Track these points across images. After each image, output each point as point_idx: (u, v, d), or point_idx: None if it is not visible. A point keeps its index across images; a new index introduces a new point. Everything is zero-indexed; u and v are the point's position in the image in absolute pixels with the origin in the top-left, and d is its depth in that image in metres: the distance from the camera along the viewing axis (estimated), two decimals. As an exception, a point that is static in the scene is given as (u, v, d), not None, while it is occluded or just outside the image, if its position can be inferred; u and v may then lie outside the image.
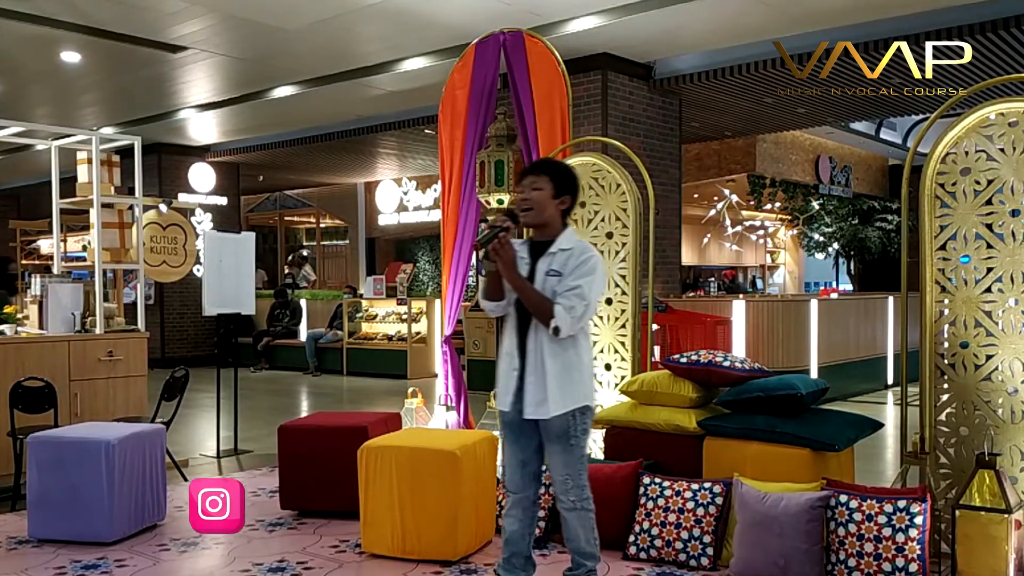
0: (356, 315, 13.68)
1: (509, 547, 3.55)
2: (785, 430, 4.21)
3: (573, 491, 3.37)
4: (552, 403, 3.29)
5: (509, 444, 3.49)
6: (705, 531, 4.10)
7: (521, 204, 3.39)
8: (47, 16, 7.89)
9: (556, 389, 3.29)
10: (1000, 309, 4.05)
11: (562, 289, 3.27)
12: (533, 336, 3.33)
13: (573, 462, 3.36)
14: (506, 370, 3.42)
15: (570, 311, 3.23)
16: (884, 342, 11.06)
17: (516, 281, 3.30)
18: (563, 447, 3.34)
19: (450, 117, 6.28)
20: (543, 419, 3.33)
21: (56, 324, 6.22)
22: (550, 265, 3.35)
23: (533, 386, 3.32)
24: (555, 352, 3.30)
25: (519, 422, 3.40)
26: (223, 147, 14.83)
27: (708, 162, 14.70)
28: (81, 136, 7.06)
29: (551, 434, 3.35)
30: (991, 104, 4.06)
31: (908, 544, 3.62)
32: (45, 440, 4.71)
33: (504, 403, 3.43)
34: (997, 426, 4.02)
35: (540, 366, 3.31)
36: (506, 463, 3.53)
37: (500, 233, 3.26)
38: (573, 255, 3.33)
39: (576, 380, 3.33)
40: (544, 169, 3.45)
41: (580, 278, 3.27)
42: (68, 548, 4.53)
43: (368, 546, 4.36)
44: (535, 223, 3.42)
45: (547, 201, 3.37)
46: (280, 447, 5.14)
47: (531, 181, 3.40)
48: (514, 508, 3.51)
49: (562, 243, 3.38)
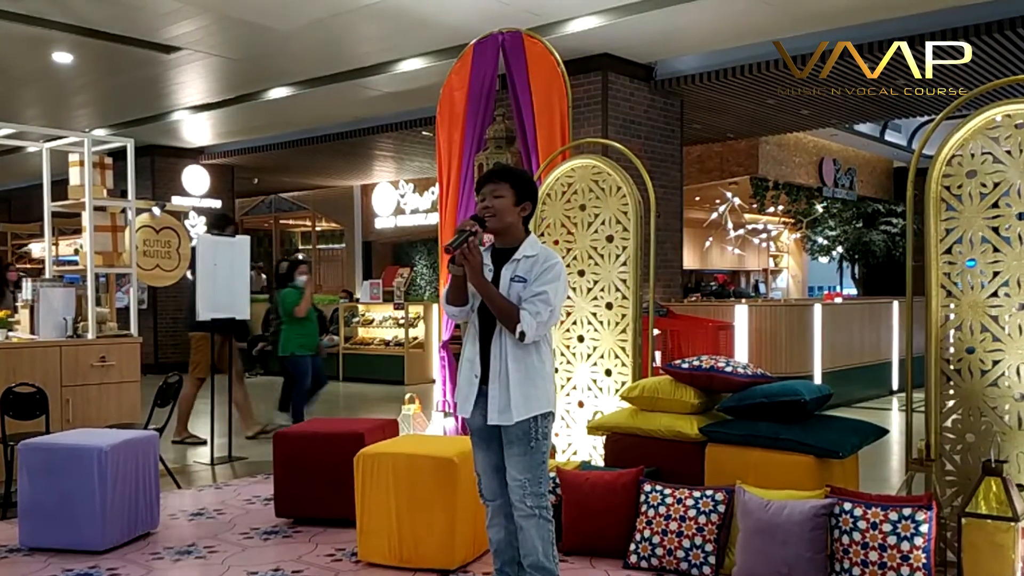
0: (353, 320, 13.61)
1: (499, 557, 3.55)
2: (788, 437, 4.18)
3: (531, 496, 3.35)
4: (515, 409, 3.30)
5: (480, 451, 3.50)
6: (707, 539, 4.07)
7: (484, 212, 3.40)
8: (38, 16, 7.84)
9: (519, 395, 3.31)
10: (1007, 314, 4.01)
11: (527, 295, 3.30)
12: (497, 342, 3.36)
13: (533, 466, 3.34)
14: (467, 376, 3.44)
15: (536, 316, 3.26)
16: (889, 347, 11.02)
17: (483, 287, 3.32)
18: (523, 449, 3.34)
19: (448, 119, 6.24)
20: (506, 425, 3.34)
21: (47, 329, 6.18)
22: (515, 271, 3.37)
23: (496, 392, 3.34)
24: (518, 358, 3.33)
25: (485, 428, 3.41)
26: (217, 149, 14.78)
27: (710, 164, 14.66)
28: (73, 138, 7.01)
29: (512, 437, 3.35)
30: (997, 106, 4.03)
31: (913, 552, 3.59)
32: (36, 447, 4.68)
33: (465, 410, 3.45)
34: (1004, 433, 3.99)
35: (503, 372, 3.33)
36: (479, 471, 3.53)
37: (469, 238, 3.27)
38: (538, 261, 3.37)
39: (539, 386, 3.35)
40: (504, 176, 3.46)
41: (545, 284, 3.30)
42: (59, 557, 4.49)
43: (364, 555, 4.33)
44: (497, 229, 3.43)
45: (509, 208, 3.40)
46: (275, 454, 5.12)
47: (492, 188, 3.42)
48: (496, 516, 3.52)
49: (526, 250, 3.42)
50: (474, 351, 3.42)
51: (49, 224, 6.92)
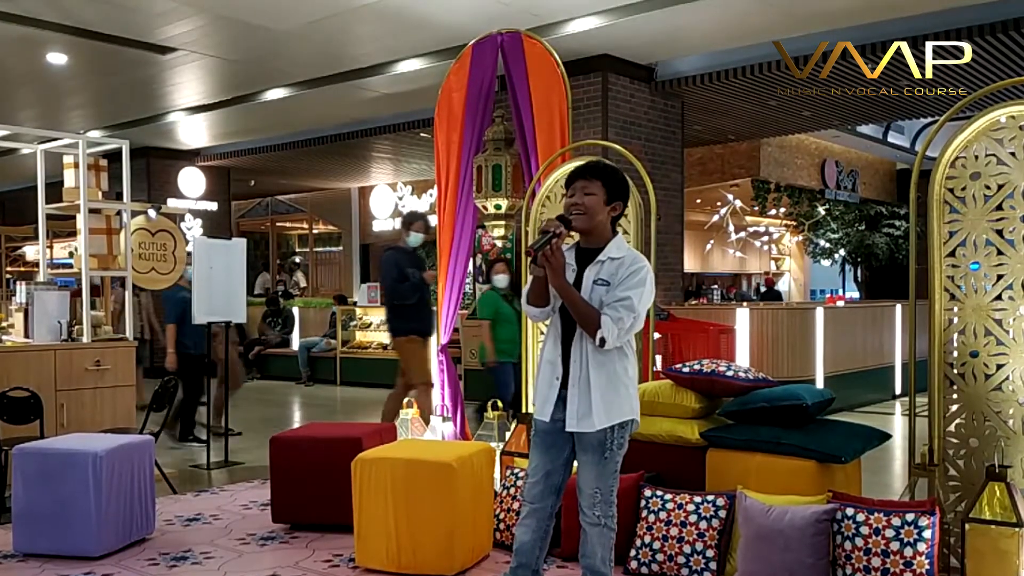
0: (350, 323, 13.54)
1: (518, 557, 3.46)
2: (790, 441, 4.15)
3: (600, 506, 3.29)
4: (596, 416, 3.21)
5: (538, 453, 3.40)
6: (708, 545, 4.03)
7: (572, 209, 3.30)
8: (32, 16, 7.82)
9: (600, 402, 3.21)
10: (1011, 317, 3.97)
11: (610, 299, 3.19)
12: (578, 346, 3.26)
13: (605, 476, 3.27)
14: (547, 379, 3.34)
15: (617, 322, 3.15)
16: (892, 351, 10.96)
17: (564, 289, 3.22)
18: (597, 460, 3.26)
19: (446, 120, 6.19)
20: (586, 432, 3.25)
21: (42, 332, 6.14)
22: (598, 274, 3.27)
23: (576, 398, 3.24)
24: (600, 363, 3.23)
25: (554, 432, 3.33)
26: (213, 151, 14.75)
27: (711, 166, 14.62)
28: (68, 140, 6.97)
29: (586, 445, 3.27)
30: (1001, 107, 3.99)
31: (916, 558, 3.56)
32: (31, 452, 4.66)
33: (544, 412, 3.34)
34: (1008, 437, 3.95)
35: (584, 377, 3.23)
36: (529, 471, 3.45)
37: (553, 239, 3.17)
38: (623, 265, 3.25)
39: (621, 393, 3.25)
40: (597, 173, 3.35)
41: (630, 289, 3.19)
42: (54, 563, 4.46)
43: (362, 560, 4.30)
44: (585, 229, 3.33)
45: (599, 207, 3.29)
46: (272, 459, 5.08)
47: (583, 185, 3.32)
48: (528, 518, 3.43)
49: (611, 251, 3.30)
50: (555, 353, 3.32)
51: (43, 226, 6.87)
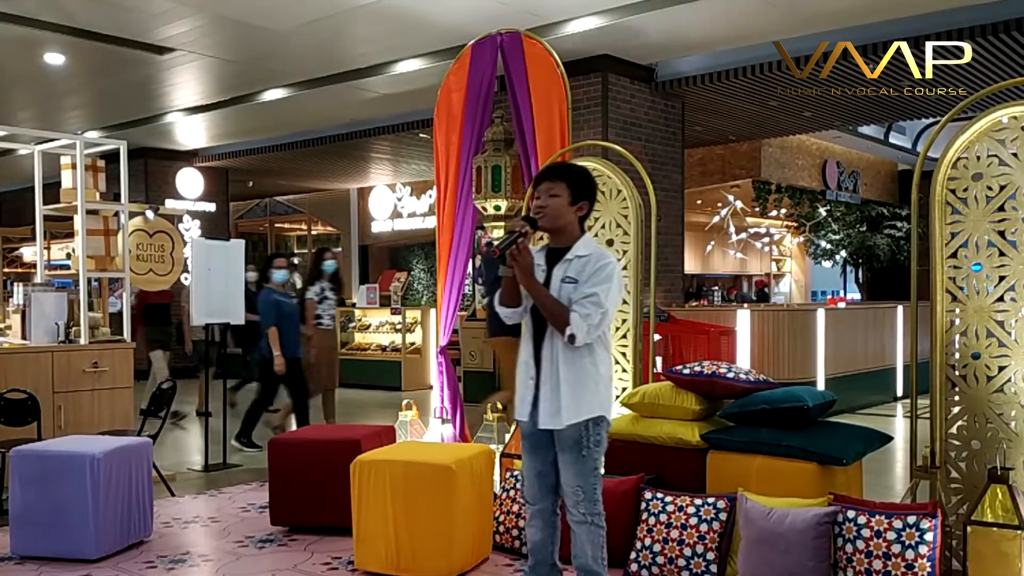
0: (349, 325, 13.53)
1: (534, 556, 3.56)
2: (791, 444, 4.15)
3: (583, 504, 3.33)
4: (565, 412, 3.27)
5: (526, 455, 3.49)
6: (709, 548, 4.02)
7: (536, 211, 3.36)
8: (29, 16, 7.79)
9: (570, 398, 3.27)
10: (1013, 319, 3.96)
11: (578, 296, 3.25)
12: (549, 344, 3.32)
13: (585, 473, 3.32)
14: (523, 379, 3.40)
15: (586, 318, 3.21)
16: (893, 353, 10.94)
17: (533, 287, 3.28)
18: (575, 458, 3.31)
19: (446, 121, 6.18)
20: (557, 429, 3.30)
21: (39, 334, 6.13)
22: (566, 272, 3.32)
23: (547, 395, 3.31)
24: (570, 360, 3.28)
25: (535, 432, 3.38)
26: (211, 152, 14.73)
27: (712, 167, 14.60)
28: (65, 140, 6.96)
29: (564, 443, 3.32)
30: (1003, 107, 3.98)
31: (918, 561, 3.55)
32: (28, 454, 4.66)
33: (522, 413, 3.40)
34: (1010, 439, 3.94)
35: (555, 375, 3.29)
36: (523, 473, 3.53)
37: (519, 239, 3.22)
38: (590, 262, 3.31)
39: (591, 389, 3.30)
40: (561, 175, 3.40)
41: (596, 285, 3.25)
42: (51, 565, 4.46)
43: (361, 563, 4.30)
44: (551, 229, 3.39)
45: (564, 207, 3.35)
46: (270, 461, 5.08)
47: (548, 187, 3.37)
48: (534, 518, 3.52)
49: (579, 250, 3.36)
50: (529, 353, 3.39)
51: (41, 228, 6.87)
